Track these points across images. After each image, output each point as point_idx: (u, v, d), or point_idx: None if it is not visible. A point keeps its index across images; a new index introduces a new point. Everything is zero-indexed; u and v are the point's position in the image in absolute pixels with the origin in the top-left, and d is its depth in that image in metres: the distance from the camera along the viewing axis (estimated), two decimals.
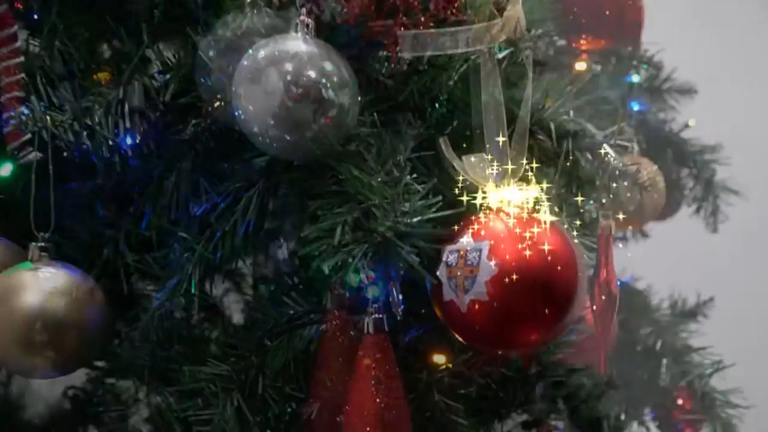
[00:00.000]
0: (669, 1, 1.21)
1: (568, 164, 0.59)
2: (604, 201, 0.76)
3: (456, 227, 0.51)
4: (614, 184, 0.63)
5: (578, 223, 0.62)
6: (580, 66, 0.79)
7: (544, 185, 0.52)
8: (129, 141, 0.58)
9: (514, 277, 0.49)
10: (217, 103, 0.60)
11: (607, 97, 0.96)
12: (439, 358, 0.65)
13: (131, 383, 1.14)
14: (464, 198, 0.52)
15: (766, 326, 1.38)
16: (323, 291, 0.55)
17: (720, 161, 1.05)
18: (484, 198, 0.52)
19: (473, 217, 0.50)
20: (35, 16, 0.78)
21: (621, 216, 0.79)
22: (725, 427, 0.87)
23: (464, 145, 0.56)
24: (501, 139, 0.52)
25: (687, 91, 1.07)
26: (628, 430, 1.02)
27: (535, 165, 0.55)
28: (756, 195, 1.07)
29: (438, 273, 0.50)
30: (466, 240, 0.50)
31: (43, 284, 0.55)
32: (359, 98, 0.54)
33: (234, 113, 0.52)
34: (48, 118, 0.54)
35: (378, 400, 0.55)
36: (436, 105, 0.57)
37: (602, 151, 0.60)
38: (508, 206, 0.51)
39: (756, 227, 1.26)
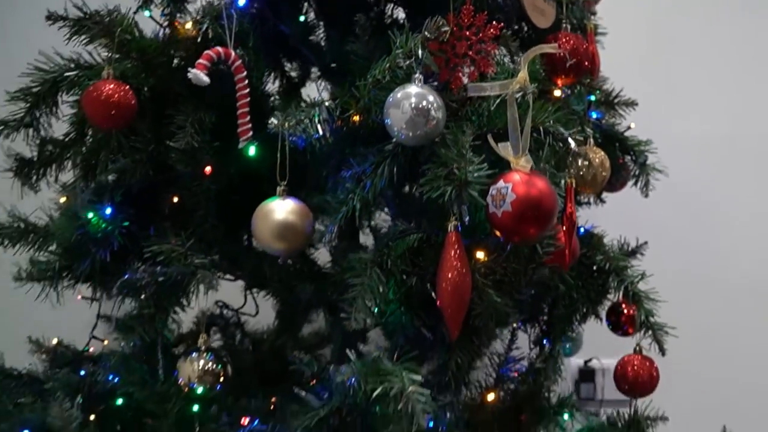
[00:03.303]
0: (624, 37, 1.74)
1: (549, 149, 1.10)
2: (571, 171, 1.28)
3: (495, 177, 1.02)
4: (572, 160, 1.15)
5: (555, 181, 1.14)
6: (557, 93, 1.29)
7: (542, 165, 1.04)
8: (317, 135, 1.08)
9: (524, 201, 1.00)
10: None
11: (575, 109, 1.48)
12: (480, 255, 1.13)
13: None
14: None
15: (677, 257, 2.01)
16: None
17: (650, 151, 1.49)
18: (508, 164, 1.04)
19: (504, 173, 1.02)
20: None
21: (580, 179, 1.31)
22: (647, 312, 1.38)
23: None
24: (517, 135, 1.03)
25: (630, 104, 1.56)
26: (590, 321, 1.53)
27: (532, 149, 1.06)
28: (673, 173, 1.58)
29: (487, 198, 1.01)
30: (501, 182, 0.98)
31: (284, 207, 1.06)
32: (445, 113, 1.06)
33: (385, 121, 1.04)
34: (286, 123, 1.05)
35: (455, 271, 0.99)
36: (482, 115, 1.09)
37: (568, 141, 1.11)
38: (521, 168, 1.02)
39: (674, 195, 1.83)
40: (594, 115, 1.46)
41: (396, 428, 1.02)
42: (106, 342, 1.45)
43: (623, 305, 1.44)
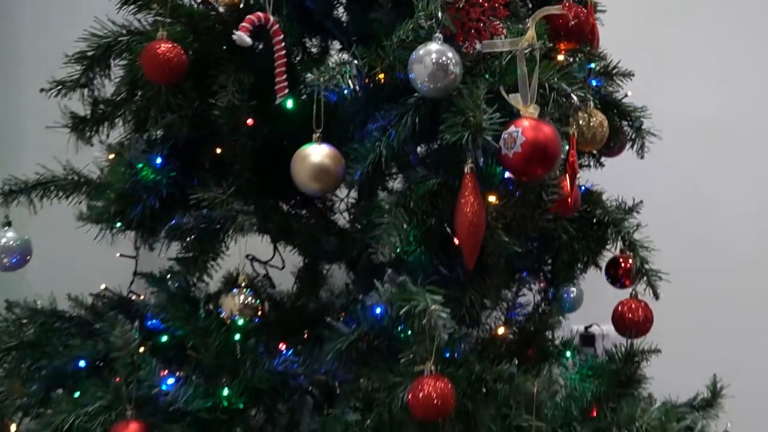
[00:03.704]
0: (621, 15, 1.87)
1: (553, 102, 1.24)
2: (574, 125, 1.41)
3: (507, 123, 1.16)
4: (575, 114, 1.29)
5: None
6: (560, 58, 1.43)
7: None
8: (348, 90, 1.22)
9: (532, 143, 1.13)
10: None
11: (576, 76, 1.61)
12: (492, 199, 1.29)
13: None
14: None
15: (669, 209, 2.13)
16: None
17: (645, 116, 1.60)
18: (519, 111, 1.17)
19: (515, 119, 1.16)
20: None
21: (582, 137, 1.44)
22: (642, 259, 1.51)
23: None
24: (526, 88, 1.17)
25: (627, 74, 1.67)
26: (590, 270, 1.67)
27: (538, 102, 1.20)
28: (666, 135, 1.71)
29: (500, 142, 1.15)
30: (512, 127, 1.12)
31: (320, 151, 1.20)
32: (462, 69, 1.19)
33: (409, 76, 1.17)
34: (321, 79, 1.18)
35: (471, 207, 1.14)
36: (494, 73, 1.23)
37: (571, 96, 1.25)
38: (529, 114, 1.16)
39: (667, 156, 1.95)
40: (594, 83, 1.59)
41: (419, 348, 1.15)
42: (142, 297, 1.58)
43: (621, 259, 1.58)
